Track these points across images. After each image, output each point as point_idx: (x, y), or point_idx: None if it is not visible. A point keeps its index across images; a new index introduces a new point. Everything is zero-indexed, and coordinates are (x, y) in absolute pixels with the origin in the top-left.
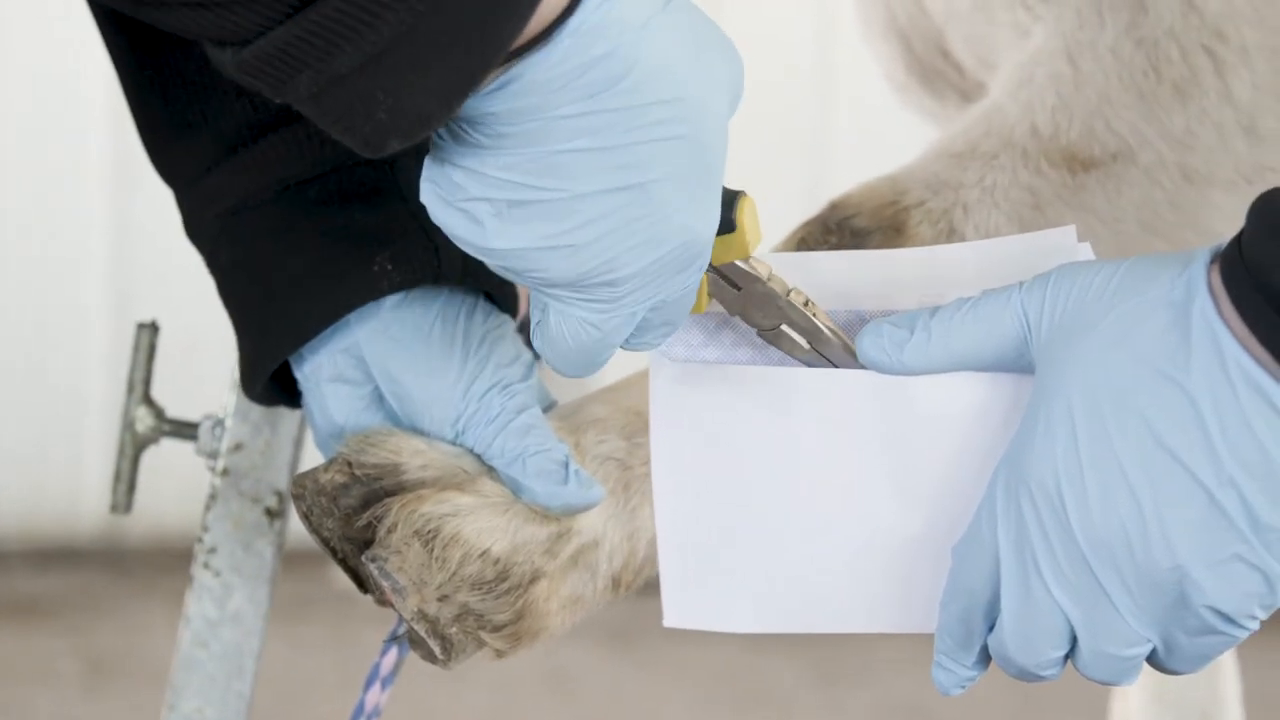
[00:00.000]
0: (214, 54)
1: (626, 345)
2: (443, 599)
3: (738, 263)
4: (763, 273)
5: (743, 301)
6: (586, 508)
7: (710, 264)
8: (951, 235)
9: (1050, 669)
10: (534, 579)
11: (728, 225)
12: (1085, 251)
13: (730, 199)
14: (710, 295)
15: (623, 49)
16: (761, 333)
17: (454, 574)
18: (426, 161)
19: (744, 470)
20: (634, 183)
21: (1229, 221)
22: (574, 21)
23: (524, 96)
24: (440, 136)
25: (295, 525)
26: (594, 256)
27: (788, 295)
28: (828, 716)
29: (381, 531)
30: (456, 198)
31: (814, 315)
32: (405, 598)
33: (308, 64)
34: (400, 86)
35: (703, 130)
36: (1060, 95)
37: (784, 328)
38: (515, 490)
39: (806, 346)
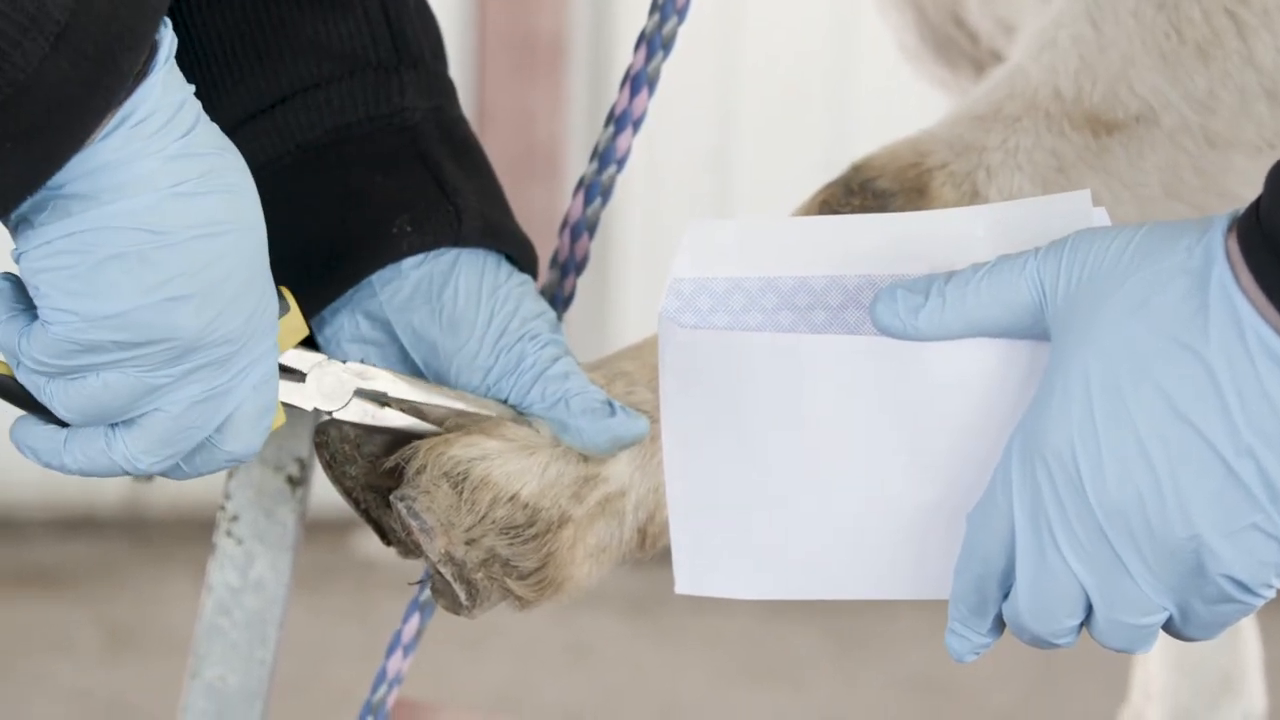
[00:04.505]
0: None
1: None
2: (470, 543)
3: (295, 350)
4: (319, 355)
5: (313, 390)
6: (635, 440)
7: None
8: (975, 198)
9: (1065, 637)
10: (561, 524)
11: (281, 307)
12: (1100, 216)
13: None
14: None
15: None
16: (332, 416)
17: (483, 517)
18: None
19: (755, 437)
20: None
21: (1252, 186)
22: (159, 60)
23: (136, 139)
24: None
25: (317, 494)
26: (208, 306)
27: (346, 363)
28: (845, 687)
29: (410, 472)
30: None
31: (388, 372)
32: (433, 538)
33: None
34: None
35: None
36: (1083, 58)
37: (355, 400)
38: (560, 432)
39: (379, 409)
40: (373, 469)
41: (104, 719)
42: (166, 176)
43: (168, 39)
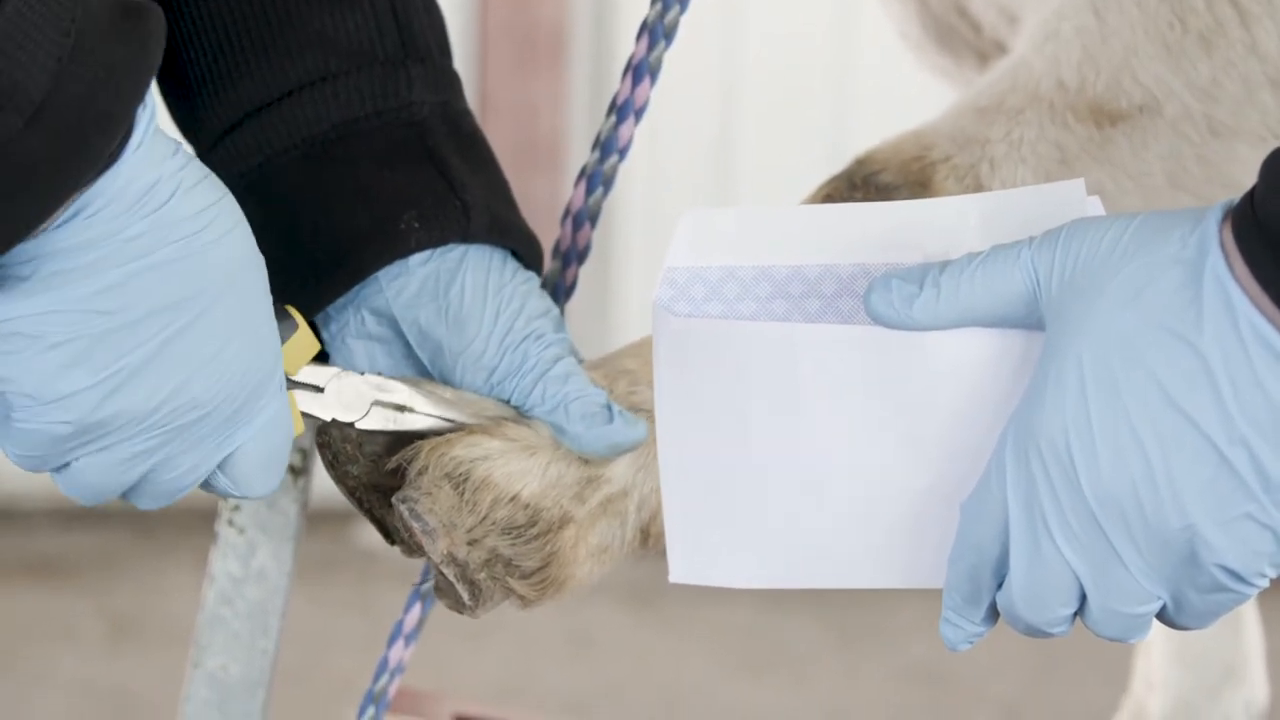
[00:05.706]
0: None
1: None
2: (472, 543)
3: (310, 366)
4: (334, 368)
5: (333, 402)
6: (633, 446)
7: (288, 377)
8: (978, 191)
9: (1059, 626)
10: (563, 524)
11: (288, 328)
12: (1095, 205)
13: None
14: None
15: (166, 176)
16: (348, 425)
17: (484, 518)
18: None
19: (750, 425)
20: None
21: (1256, 177)
22: (132, 144)
23: (94, 225)
24: None
25: (319, 484)
26: (165, 381)
27: (363, 375)
28: (846, 678)
29: (412, 473)
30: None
31: (403, 383)
32: (435, 539)
33: None
34: None
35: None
36: (1086, 49)
37: (374, 409)
38: (559, 436)
39: (399, 414)
40: (375, 469)
41: (106, 708)
42: (118, 260)
43: (147, 114)
